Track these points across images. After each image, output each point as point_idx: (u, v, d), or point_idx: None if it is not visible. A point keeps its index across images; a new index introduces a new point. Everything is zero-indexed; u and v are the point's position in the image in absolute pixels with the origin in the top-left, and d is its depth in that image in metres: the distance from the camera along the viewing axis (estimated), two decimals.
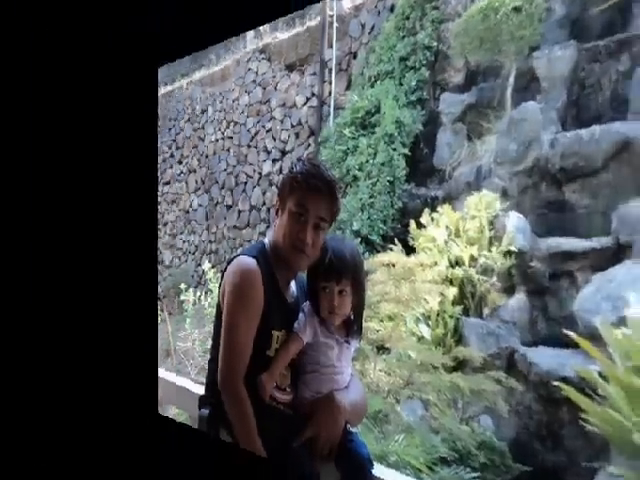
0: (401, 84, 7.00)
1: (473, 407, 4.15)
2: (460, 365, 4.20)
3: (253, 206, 10.25)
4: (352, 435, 1.68)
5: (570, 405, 3.29)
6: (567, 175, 4.57)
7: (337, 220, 6.29)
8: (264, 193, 9.85)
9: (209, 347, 1.80)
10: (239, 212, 10.55)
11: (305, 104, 9.39)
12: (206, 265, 7.09)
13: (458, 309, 4.63)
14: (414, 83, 6.84)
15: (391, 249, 5.03)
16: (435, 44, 6.70)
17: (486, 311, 4.56)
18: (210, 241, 11.27)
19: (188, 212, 11.88)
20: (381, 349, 4.30)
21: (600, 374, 3.06)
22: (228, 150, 10.97)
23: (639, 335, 3.02)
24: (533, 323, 4.30)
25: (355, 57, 8.37)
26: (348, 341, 1.74)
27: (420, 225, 5.08)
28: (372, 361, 4.07)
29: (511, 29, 4.98)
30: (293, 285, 1.80)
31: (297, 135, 9.28)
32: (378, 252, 5.43)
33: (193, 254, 11.61)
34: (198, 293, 6.82)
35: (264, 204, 9.83)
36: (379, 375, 4.15)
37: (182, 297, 6.79)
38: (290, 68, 9.65)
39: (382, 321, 4.43)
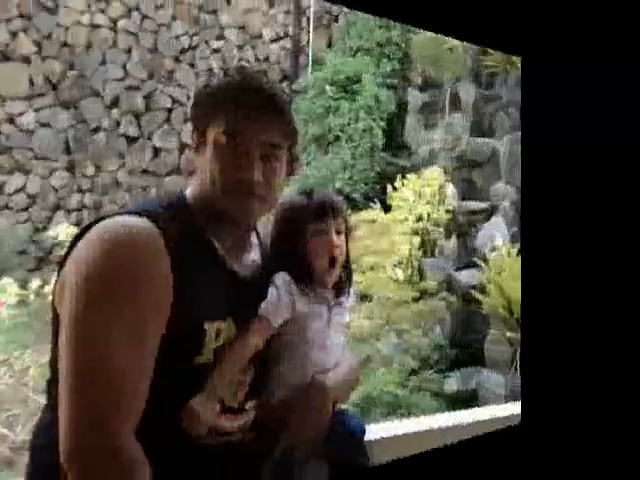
0: (378, 66, 7.95)
1: (429, 323, 5.44)
2: (422, 295, 5.37)
3: (185, 145, 7.69)
4: (342, 415, 1.32)
5: (477, 301, 5.46)
6: (472, 164, 6.97)
7: (318, 176, 7.35)
8: None
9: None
10: (155, 150, 7.79)
11: (275, 41, 8.54)
12: (62, 229, 4.52)
13: (420, 253, 5.90)
14: (389, 69, 8.08)
15: (371, 207, 6.02)
16: (403, 45, 8.33)
17: (437, 252, 6.41)
18: (79, 190, 7.48)
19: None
20: (362, 298, 4.75)
21: (487, 279, 5.30)
22: (128, 52, 7.76)
23: (499, 255, 5.34)
24: (460, 256, 6.38)
25: (337, 20, 8.86)
26: (341, 302, 1.33)
27: (394, 188, 6.38)
28: (355, 311, 4.21)
29: (448, 61, 7.12)
30: (254, 253, 1.26)
31: (264, 73, 7.01)
32: (360, 210, 6.11)
33: (24, 210, 7.25)
34: (37, 281, 4.26)
35: None
36: (362, 322, 4.42)
37: None
38: None
39: (364, 272, 4.84)
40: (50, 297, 1.09)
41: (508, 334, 4.97)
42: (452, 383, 5.20)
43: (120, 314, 1.00)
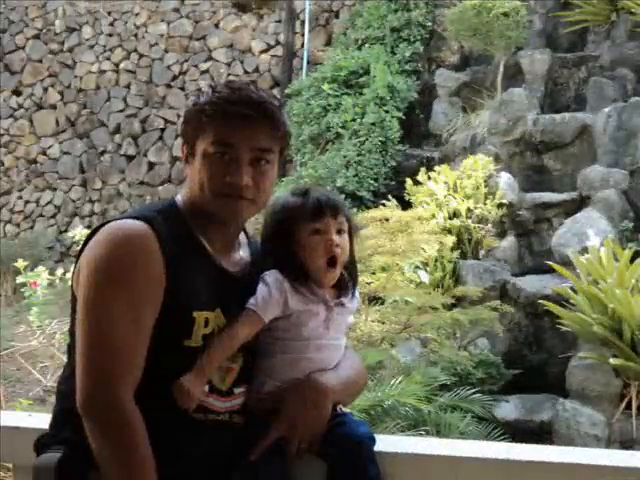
0: (393, 53, 7.50)
1: (470, 334, 4.90)
2: (458, 301, 4.86)
3: (176, 158, 8.79)
4: (344, 417, 1.31)
5: (550, 315, 4.59)
6: (545, 146, 6.07)
7: (316, 177, 7.12)
8: None
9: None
10: (150, 164, 9.20)
11: (266, 52, 8.83)
12: (78, 231, 5.82)
13: (456, 254, 5.30)
14: (408, 54, 7.45)
15: (384, 204, 5.49)
16: (430, 24, 7.59)
17: (482, 253, 5.60)
18: (90, 200, 9.54)
19: (35, 162, 9.79)
20: (373, 300, 4.47)
21: (571, 289, 4.39)
22: (128, 87, 9.40)
23: (596, 258, 4.40)
24: (521, 258, 5.60)
25: (337, 16, 8.70)
26: (342, 302, 1.34)
27: (416, 182, 5.81)
28: (363, 313, 4.09)
29: (501, 28, 6.17)
30: (243, 251, 1.39)
31: (253, 83, 8.14)
32: (368, 208, 5.71)
33: (52, 217, 9.68)
34: (61, 270, 5.39)
35: None
36: (371, 325, 4.20)
37: (20, 279, 5.27)
38: (241, 8, 8.87)
39: (374, 273, 4.52)
40: (70, 282, 1.32)
41: (613, 361, 3.96)
42: (508, 409, 4.59)
43: (119, 298, 1.20)
